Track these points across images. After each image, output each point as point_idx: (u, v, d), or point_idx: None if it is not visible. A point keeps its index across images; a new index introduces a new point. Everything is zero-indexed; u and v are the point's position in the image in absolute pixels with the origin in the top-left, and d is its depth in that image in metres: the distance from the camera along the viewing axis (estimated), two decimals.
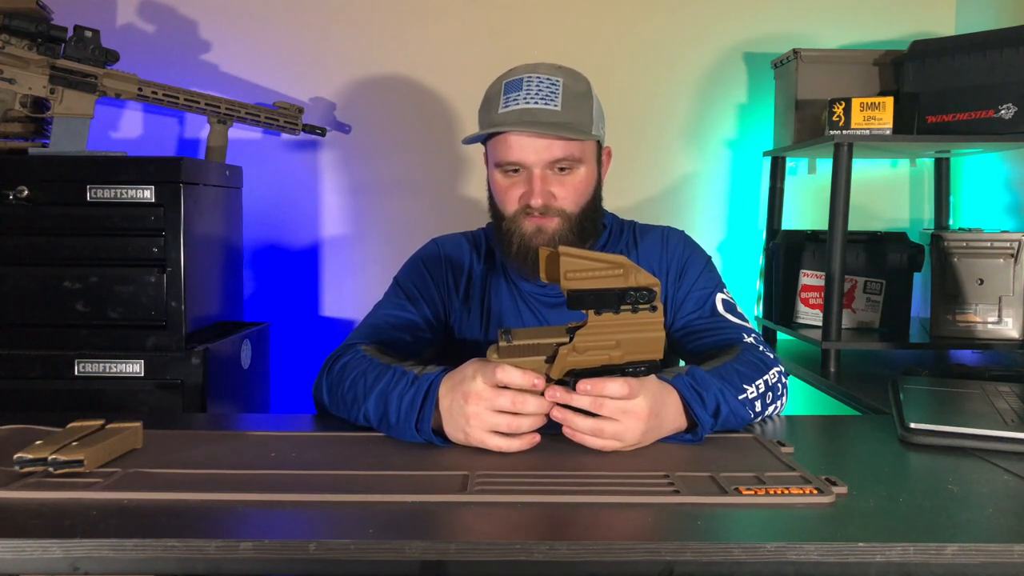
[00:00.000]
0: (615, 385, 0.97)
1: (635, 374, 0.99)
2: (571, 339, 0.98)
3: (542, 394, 0.99)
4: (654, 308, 0.97)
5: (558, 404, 0.99)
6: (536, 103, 1.22)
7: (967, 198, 2.12)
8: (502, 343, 0.99)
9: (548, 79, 1.24)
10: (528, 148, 1.22)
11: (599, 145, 1.31)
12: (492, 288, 1.35)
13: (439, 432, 1.03)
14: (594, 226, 1.31)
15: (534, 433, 1.00)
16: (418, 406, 1.02)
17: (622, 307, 0.97)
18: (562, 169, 1.24)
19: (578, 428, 0.99)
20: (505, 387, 0.98)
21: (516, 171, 1.25)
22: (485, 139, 1.29)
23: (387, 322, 1.29)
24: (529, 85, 1.23)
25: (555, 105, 1.22)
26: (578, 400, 0.98)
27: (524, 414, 0.99)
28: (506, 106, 1.23)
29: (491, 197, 1.32)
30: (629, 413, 0.98)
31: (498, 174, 1.27)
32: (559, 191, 1.24)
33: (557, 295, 1.32)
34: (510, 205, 1.26)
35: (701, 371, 1.08)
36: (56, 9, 1.87)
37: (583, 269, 0.95)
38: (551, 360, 0.99)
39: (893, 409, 1.21)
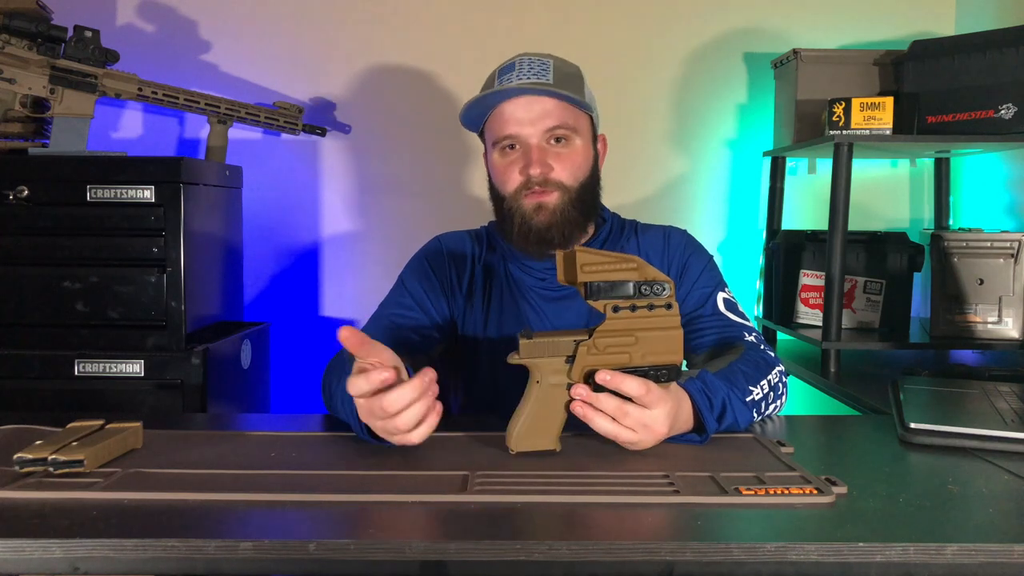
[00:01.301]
0: (634, 383, 0.96)
1: (656, 378, 0.98)
2: (590, 336, 0.99)
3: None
4: (669, 306, 0.98)
5: (582, 402, 0.98)
6: (528, 78, 1.24)
7: (967, 198, 2.12)
8: (523, 341, 0.99)
9: (539, 59, 1.28)
10: (523, 118, 1.24)
11: (593, 126, 1.32)
12: (494, 284, 1.36)
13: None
14: (594, 204, 1.32)
15: (433, 412, 0.96)
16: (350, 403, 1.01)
17: (638, 305, 0.98)
18: (557, 140, 1.25)
19: (598, 430, 0.98)
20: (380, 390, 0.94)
21: (513, 147, 1.26)
22: (482, 130, 1.31)
23: (393, 322, 1.29)
24: (521, 65, 1.27)
25: (547, 79, 1.25)
26: (604, 404, 0.97)
27: (397, 413, 0.94)
28: (500, 85, 1.26)
29: (491, 186, 1.33)
30: (649, 428, 0.98)
31: (496, 155, 1.28)
32: (556, 163, 1.25)
33: (557, 289, 1.32)
34: (510, 184, 1.27)
35: (711, 376, 1.08)
36: (56, 9, 1.87)
37: (598, 262, 0.97)
38: (571, 360, 0.99)
39: (893, 409, 1.21)
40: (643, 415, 0.97)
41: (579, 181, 1.27)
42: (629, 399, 0.97)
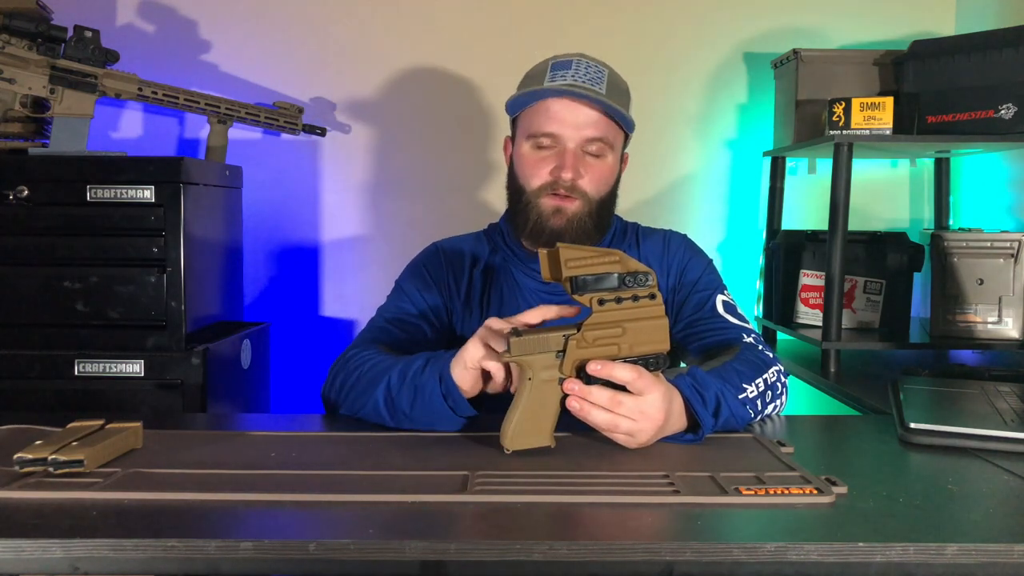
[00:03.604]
0: (625, 370, 0.97)
1: (646, 367, 1.00)
2: (578, 330, 1.00)
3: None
4: (653, 296, 1.00)
5: (577, 397, 0.99)
6: (584, 82, 1.24)
7: (967, 198, 2.12)
8: (512, 339, 1.00)
9: (596, 65, 1.28)
10: (569, 121, 1.23)
11: (624, 143, 1.32)
12: (494, 287, 1.35)
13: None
14: (608, 219, 1.32)
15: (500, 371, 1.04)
16: (431, 358, 1.09)
17: (623, 297, 0.99)
18: (593, 151, 1.25)
19: (596, 423, 0.99)
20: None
21: (548, 146, 1.26)
22: (515, 115, 1.30)
23: (392, 325, 1.30)
24: (579, 66, 1.26)
25: (601, 89, 1.24)
26: (597, 396, 0.98)
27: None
28: (553, 80, 1.25)
29: (511, 174, 1.32)
30: (645, 414, 0.98)
31: (527, 147, 1.27)
32: (587, 172, 1.26)
33: (558, 293, 1.32)
34: (536, 179, 1.26)
35: (701, 371, 1.08)
36: (56, 9, 1.87)
37: (582, 256, 0.99)
38: (562, 355, 1.00)
39: (893, 409, 1.21)
40: (637, 402, 0.98)
41: (601, 195, 1.27)
42: (622, 388, 0.98)
